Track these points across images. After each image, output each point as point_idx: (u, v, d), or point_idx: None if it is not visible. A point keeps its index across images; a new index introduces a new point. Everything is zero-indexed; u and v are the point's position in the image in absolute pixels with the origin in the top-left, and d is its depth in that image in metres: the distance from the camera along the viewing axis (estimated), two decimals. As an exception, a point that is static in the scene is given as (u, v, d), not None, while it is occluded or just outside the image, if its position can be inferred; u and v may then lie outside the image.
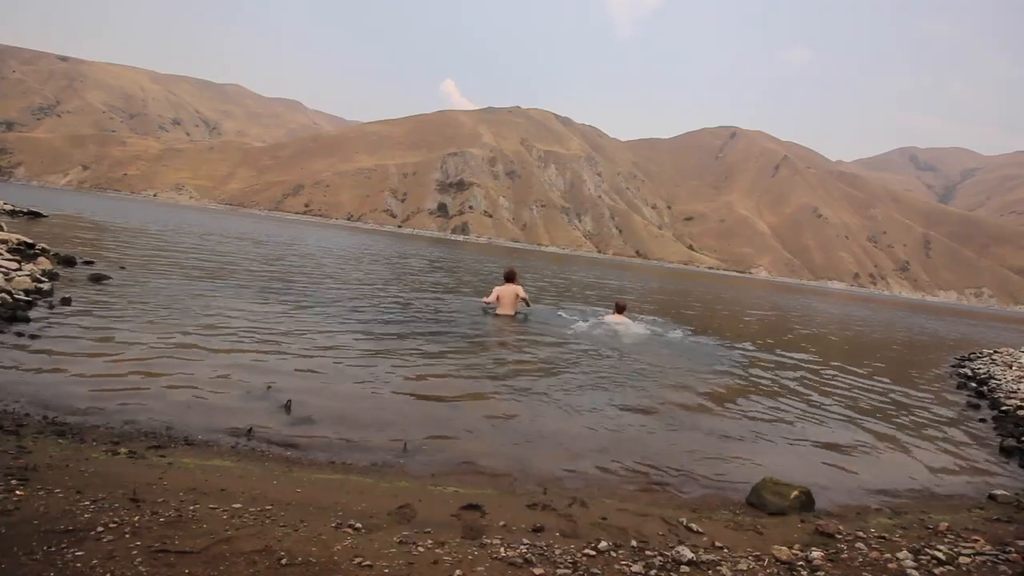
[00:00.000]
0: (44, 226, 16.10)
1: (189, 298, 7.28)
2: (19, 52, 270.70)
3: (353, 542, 2.10)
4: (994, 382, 8.24)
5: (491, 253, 55.85)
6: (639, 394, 5.33)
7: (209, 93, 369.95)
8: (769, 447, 4.27)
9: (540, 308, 10.47)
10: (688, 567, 2.20)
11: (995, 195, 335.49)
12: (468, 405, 4.37)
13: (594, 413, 4.58)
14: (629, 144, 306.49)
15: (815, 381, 7.29)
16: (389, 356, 5.60)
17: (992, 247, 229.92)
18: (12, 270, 6.44)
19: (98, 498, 2.18)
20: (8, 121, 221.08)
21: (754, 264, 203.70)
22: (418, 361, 5.54)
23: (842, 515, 3.10)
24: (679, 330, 10.21)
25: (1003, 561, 2.49)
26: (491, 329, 7.97)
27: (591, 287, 21.25)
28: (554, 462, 3.48)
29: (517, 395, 4.78)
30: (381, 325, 7.27)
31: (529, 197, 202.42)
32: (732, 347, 9.43)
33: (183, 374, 4.17)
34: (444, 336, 7.00)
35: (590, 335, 8.22)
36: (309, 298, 8.81)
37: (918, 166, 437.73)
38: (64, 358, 4.14)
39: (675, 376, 6.25)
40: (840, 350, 11.64)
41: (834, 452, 4.37)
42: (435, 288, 13.18)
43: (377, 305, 9.10)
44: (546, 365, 6.03)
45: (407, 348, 6.07)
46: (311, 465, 3.01)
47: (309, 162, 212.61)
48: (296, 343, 5.62)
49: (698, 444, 4.16)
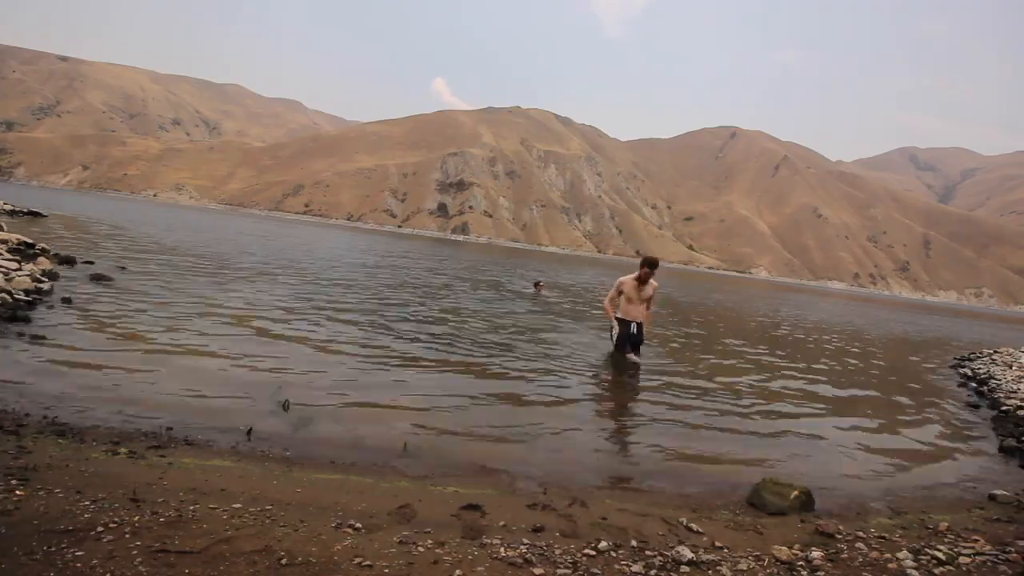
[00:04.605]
0: (44, 226, 16.10)
1: (189, 298, 7.29)
2: (19, 52, 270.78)
3: (353, 542, 2.10)
4: (994, 382, 8.24)
5: (491, 253, 55.85)
6: (638, 394, 5.33)
7: (209, 93, 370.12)
8: (769, 447, 4.26)
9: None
10: (688, 567, 2.20)
11: (995, 195, 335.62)
12: (468, 405, 4.36)
13: (594, 413, 4.58)
14: (629, 144, 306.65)
15: (814, 381, 7.29)
16: (389, 356, 5.60)
17: (992, 247, 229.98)
18: (12, 270, 6.43)
19: (98, 498, 2.18)
20: (8, 121, 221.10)
21: (754, 264, 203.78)
22: (418, 361, 5.54)
23: (842, 515, 3.10)
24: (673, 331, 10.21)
25: (1003, 561, 2.49)
26: (493, 330, 7.97)
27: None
28: (554, 462, 3.47)
29: (517, 395, 4.79)
30: (381, 325, 7.27)
31: (529, 197, 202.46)
32: (732, 347, 9.43)
33: (183, 374, 4.17)
34: (444, 336, 7.00)
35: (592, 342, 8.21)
36: (309, 298, 8.82)
37: (918, 166, 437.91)
38: (64, 358, 4.14)
39: (674, 376, 6.25)
40: (839, 349, 11.65)
41: (834, 452, 4.37)
42: (434, 289, 13.18)
43: (377, 305, 9.10)
44: (546, 365, 6.03)
45: (407, 348, 6.07)
46: (311, 465, 3.01)
47: (309, 162, 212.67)
48: (297, 343, 5.62)
49: (698, 444, 4.16)
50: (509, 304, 11.46)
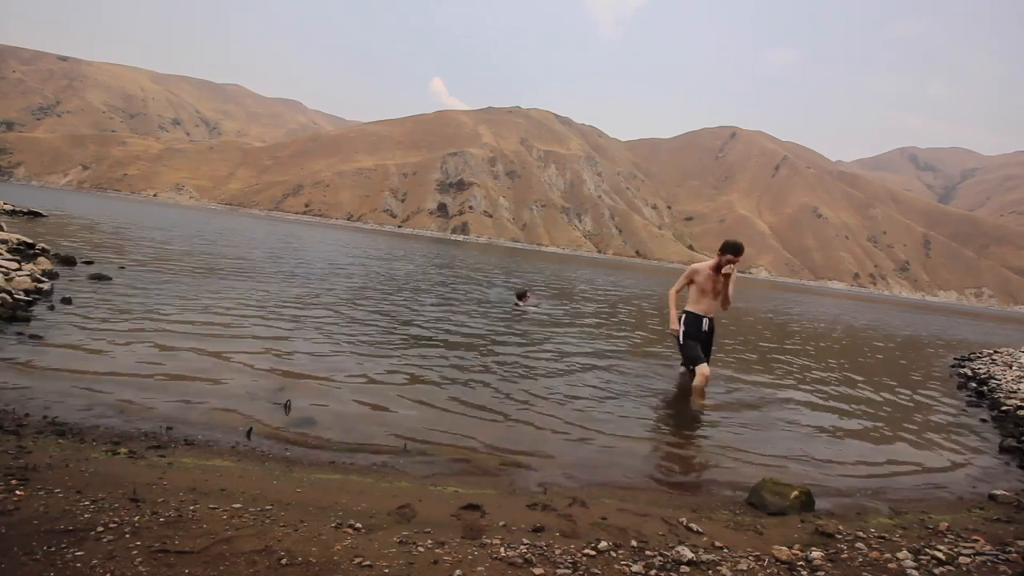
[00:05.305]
0: (44, 226, 16.10)
1: (189, 298, 7.29)
2: (19, 52, 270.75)
3: (353, 542, 2.10)
4: (994, 382, 8.23)
5: (491, 253, 55.85)
6: (637, 394, 5.33)
7: (209, 93, 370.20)
8: (769, 447, 4.26)
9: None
10: (688, 567, 2.20)
11: (995, 195, 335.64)
12: (468, 405, 4.36)
13: (593, 413, 4.58)
14: (629, 144, 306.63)
15: (814, 380, 7.29)
16: (389, 356, 5.60)
17: (992, 247, 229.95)
18: (12, 270, 6.43)
19: (98, 498, 2.18)
20: (8, 121, 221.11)
21: (754, 264, 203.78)
22: (418, 361, 5.54)
23: (842, 515, 3.10)
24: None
25: (1003, 561, 2.48)
26: (493, 329, 7.97)
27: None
28: (554, 462, 3.48)
29: (517, 395, 4.79)
30: (381, 326, 7.27)
31: (529, 197, 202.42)
32: (732, 347, 9.43)
33: (183, 374, 4.17)
34: (445, 337, 7.00)
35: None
36: (310, 298, 8.81)
37: (918, 166, 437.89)
38: (64, 358, 4.14)
39: (672, 377, 6.25)
40: (839, 349, 11.65)
41: (834, 452, 4.36)
42: (434, 289, 13.18)
43: (378, 306, 9.10)
44: (545, 365, 6.03)
45: (407, 348, 6.07)
46: (311, 465, 3.01)
47: (309, 162, 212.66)
48: (297, 343, 5.63)
49: (698, 444, 4.16)
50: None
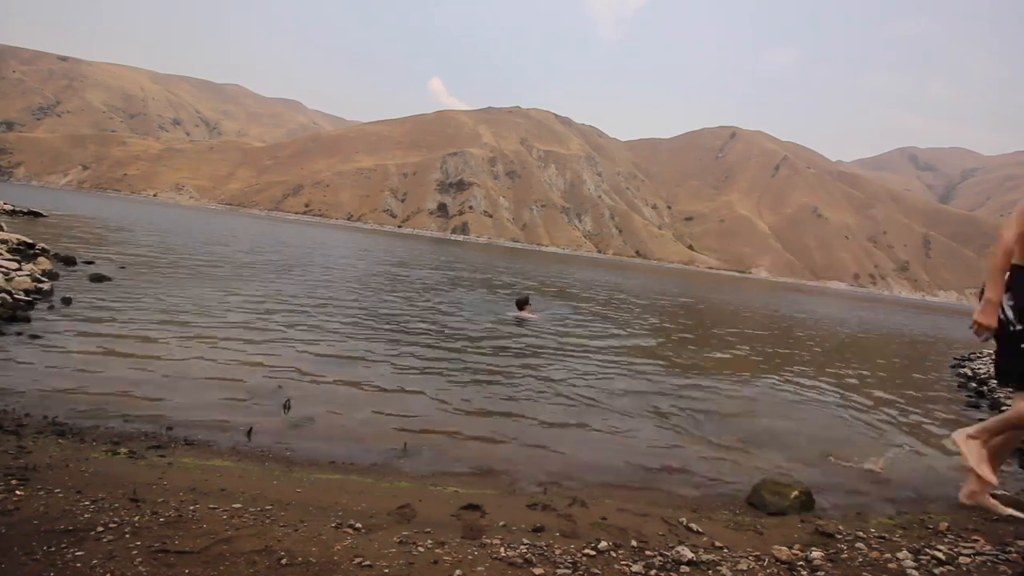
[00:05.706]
0: (44, 226, 16.10)
1: (189, 298, 7.29)
2: (19, 52, 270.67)
3: (353, 542, 2.10)
4: (994, 382, 8.24)
5: (491, 253, 55.84)
6: (637, 394, 5.33)
7: (209, 93, 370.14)
8: (769, 447, 4.26)
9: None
10: (688, 567, 2.20)
11: (995, 195, 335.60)
12: (468, 405, 4.36)
13: (593, 413, 4.58)
14: (629, 144, 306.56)
15: (814, 380, 7.29)
16: (389, 356, 5.60)
17: (992, 247, 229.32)
18: (12, 270, 6.44)
19: (98, 498, 2.18)
20: (8, 121, 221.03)
21: (754, 264, 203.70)
22: (418, 361, 5.55)
23: (842, 515, 3.10)
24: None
25: (1003, 561, 2.48)
26: (494, 330, 7.97)
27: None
28: (554, 462, 3.48)
29: (517, 395, 4.79)
30: (381, 326, 7.27)
31: (529, 197, 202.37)
32: (732, 346, 9.43)
33: (183, 374, 4.17)
34: (444, 337, 7.00)
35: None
36: (310, 299, 8.81)
37: (918, 166, 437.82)
38: (64, 358, 4.14)
39: (671, 377, 6.25)
40: (839, 349, 11.65)
41: (834, 452, 4.36)
42: (434, 290, 13.18)
43: (378, 306, 9.10)
44: (545, 365, 6.03)
45: (407, 349, 6.07)
46: (311, 465, 3.01)
47: (309, 162, 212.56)
48: (297, 343, 5.63)
49: (698, 444, 4.16)
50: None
